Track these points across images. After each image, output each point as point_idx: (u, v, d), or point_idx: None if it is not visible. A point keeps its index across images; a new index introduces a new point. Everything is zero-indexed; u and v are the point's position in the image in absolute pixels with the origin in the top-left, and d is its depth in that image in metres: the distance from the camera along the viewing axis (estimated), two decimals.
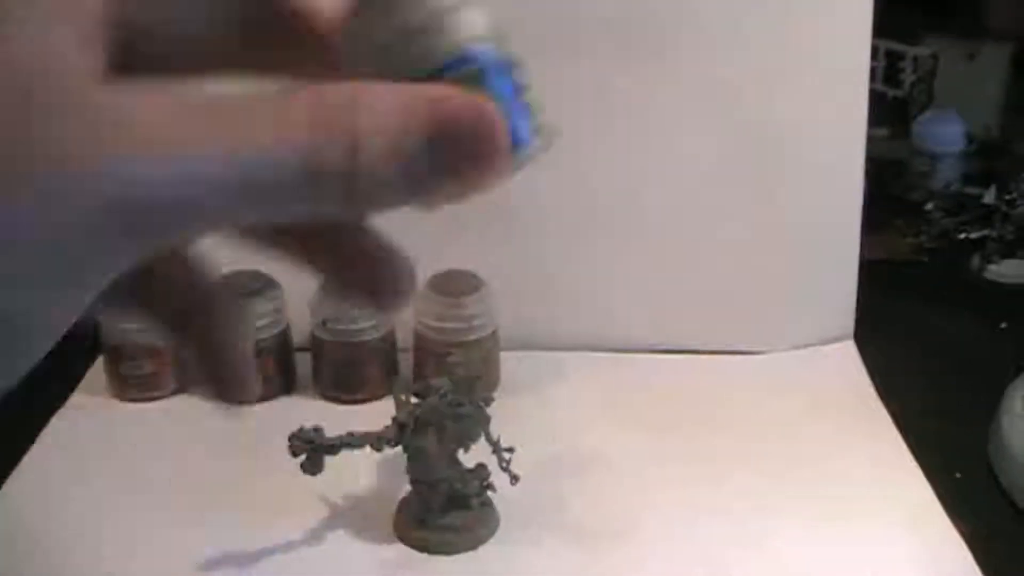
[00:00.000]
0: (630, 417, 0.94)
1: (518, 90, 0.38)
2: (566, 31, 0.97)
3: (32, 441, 0.91)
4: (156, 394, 0.97)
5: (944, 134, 1.43)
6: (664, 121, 1.00)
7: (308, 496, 0.83)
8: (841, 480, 0.85)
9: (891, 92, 1.53)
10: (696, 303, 1.03)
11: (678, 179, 1.01)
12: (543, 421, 0.94)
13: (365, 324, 0.93)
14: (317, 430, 0.74)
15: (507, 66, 0.38)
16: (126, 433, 0.93)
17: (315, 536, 0.80)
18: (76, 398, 0.97)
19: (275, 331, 0.95)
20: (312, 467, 0.73)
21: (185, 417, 0.95)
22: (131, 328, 0.94)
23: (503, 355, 0.97)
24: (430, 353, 0.94)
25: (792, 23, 0.97)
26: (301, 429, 0.74)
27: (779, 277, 1.02)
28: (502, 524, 0.80)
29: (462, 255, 0.97)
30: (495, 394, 0.91)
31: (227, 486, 0.85)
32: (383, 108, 0.32)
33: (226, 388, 0.43)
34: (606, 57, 0.98)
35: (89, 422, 0.94)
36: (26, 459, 0.88)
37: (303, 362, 0.99)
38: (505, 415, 0.79)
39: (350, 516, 0.81)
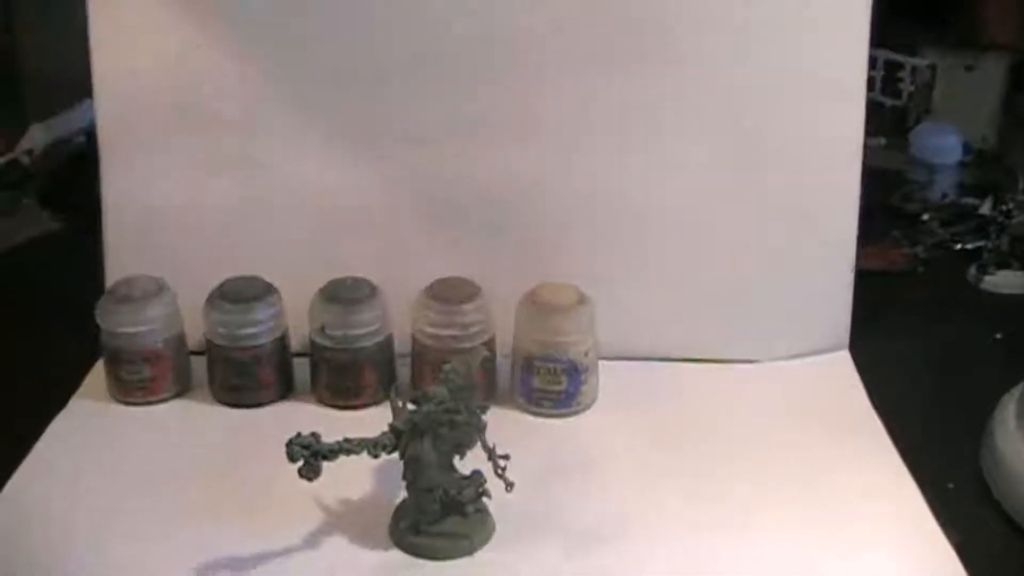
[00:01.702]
0: (624, 425, 0.95)
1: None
2: (568, 41, 0.98)
3: (32, 443, 0.91)
4: (155, 398, 0.97)
5: (941, 145, 1.43)
6: (659, 129, 1.01)
7: (304, 501, 0.83)
8: (833, 489, 0.86)
9: (889, 102, 1.54)
10: (691, 311, 1.03)
11: (674, 189, 1.01)
12: (540, 428, 0.94)
13: (363, 330, 0.94)
14: (315, 435, 0.74)
15: None
16: (125, 437, 0.94)
17: (311, 541, 0.80)
18: (76, 402, 0.98)
19: (273, 337, 0.96)
20: (309, 472, 0.74)
21: (184, 422, 0.96)
22: (130, 332, 0.94)
23: (501, 361, 0.98)
24: (427, 360, 0.94)
25: (791, 34, 0.98)
26: (299, 435, 0.74)
27: (775, 286, 1.03)
28: (498, 531, 0.81)
29: (463, 262, 0.98)
30: (492, 401, 0.92)
31: (224, 491, 0.86)
32: None
33: None
34: (608, 68, 0.99)
35: (89, 425, 0.95)
36: (26, 462, 0.89)
37: (300, 368, 0.99)
38: (502, 422, 0.80)
39: (346, 522, 0.82)
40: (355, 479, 0.85)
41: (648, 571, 0.78)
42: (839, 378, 1.01)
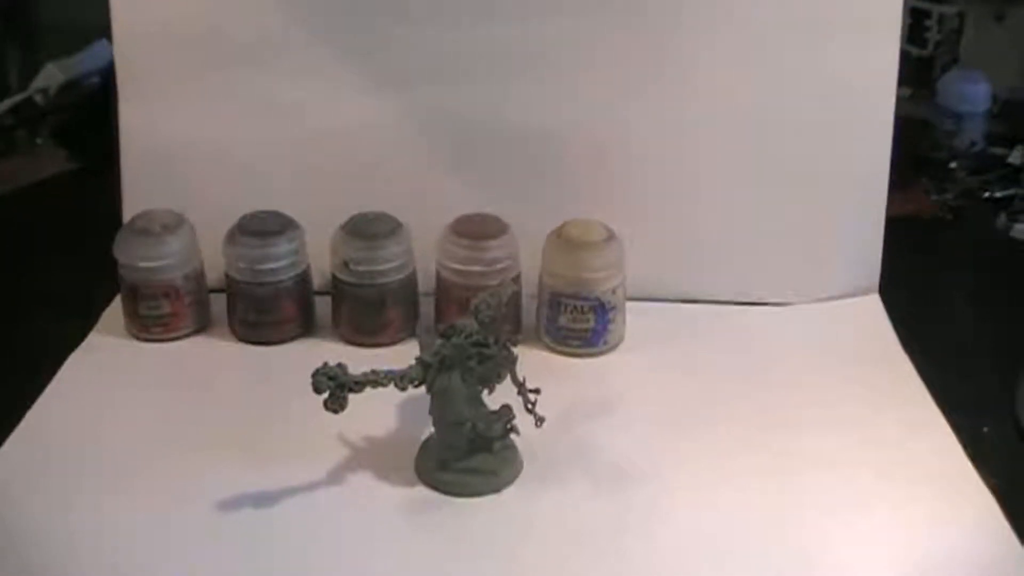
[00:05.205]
0: (652, 365, 0.93)
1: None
2: None
3: (49, 380, 0.90)
4: (174, 335, 0.96)
5: (969, 94, 1.41)
6: (689, 68, 0.99)
7: (328, 437, 0.82)
8: (866, 433, 0.84)
9: (915, 51, 1.51)
10: (722, 253, 1.02)
11: (706, 131, 1.00)
12: (566, 367, 0.93)
13: (387, 266, 0.92)
14: (341, 366, 0.72)
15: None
16: (143, 373, 0.92)
17: (335, 478, 0.79)
18: (93, 337, 0.97)
19: (295, 272, 0.94)
20: (335, 404, 0.72)
21: (203, 358, 0.95)
22: (148, 266, 0.93)
23: (527, 300, 0.97)
24: (451, 297, 0.93)
25: None
26: (325, 365, 0.72)
27: (806, 229, 1.01)
28: (525, 468, 0.79)
29: (489, 200, 0.96)
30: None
31: (245, 428, 0.84)
32: None
33: None
34: (639, 5, 0.97)
35: (106, 361, 0.94)
36: (42, 398, 0.88)
37: (321, 305, 0.98)
38: (528, 361, 0.78)
39: (371, 458, 0.81)
40: (380, 415, 0.83)
41: (677, 511, 0.76)
42: (870, 321, 1.00)
